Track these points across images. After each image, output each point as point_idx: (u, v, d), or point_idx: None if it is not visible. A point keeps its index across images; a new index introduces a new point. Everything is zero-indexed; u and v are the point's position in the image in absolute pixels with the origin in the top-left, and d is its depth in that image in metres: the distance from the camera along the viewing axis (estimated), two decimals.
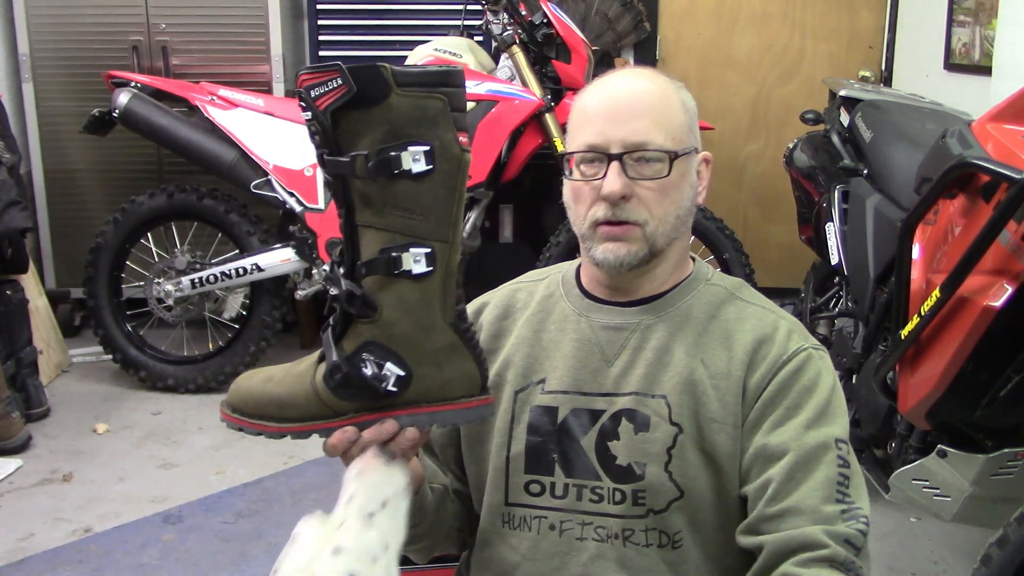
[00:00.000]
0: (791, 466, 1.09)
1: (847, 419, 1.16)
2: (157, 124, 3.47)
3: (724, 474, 1.14)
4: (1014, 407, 1.83)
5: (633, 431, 1.16)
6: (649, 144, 1.15)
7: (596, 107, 1.19)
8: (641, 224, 1.16)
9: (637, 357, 1.19)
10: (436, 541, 1.26)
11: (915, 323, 1.95)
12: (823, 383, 1.15)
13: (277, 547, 2.73)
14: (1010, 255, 1.74)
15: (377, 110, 0.92)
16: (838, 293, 2.86)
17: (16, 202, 3.24)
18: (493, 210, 4.10)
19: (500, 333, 1.28)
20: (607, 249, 1.17)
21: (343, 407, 0.98)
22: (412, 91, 0.93)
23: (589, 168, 1.18)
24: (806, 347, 1.17)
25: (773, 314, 1.21)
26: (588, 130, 1.18)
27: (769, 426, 1.13)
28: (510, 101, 3.38)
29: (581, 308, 1.25)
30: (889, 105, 2.84)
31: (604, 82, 1.22)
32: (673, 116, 1.18)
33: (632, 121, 1.16)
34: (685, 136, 1.19)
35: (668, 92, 1.20)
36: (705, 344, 1.18)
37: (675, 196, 1.18)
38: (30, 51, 3.92)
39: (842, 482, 1.09)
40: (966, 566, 2.45)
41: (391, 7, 4.19)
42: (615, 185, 1.15)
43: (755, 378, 1.15)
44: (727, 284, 1.26)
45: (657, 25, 4.49)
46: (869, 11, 4.49)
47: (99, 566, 2.50)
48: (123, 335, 3.62)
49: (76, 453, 3.13)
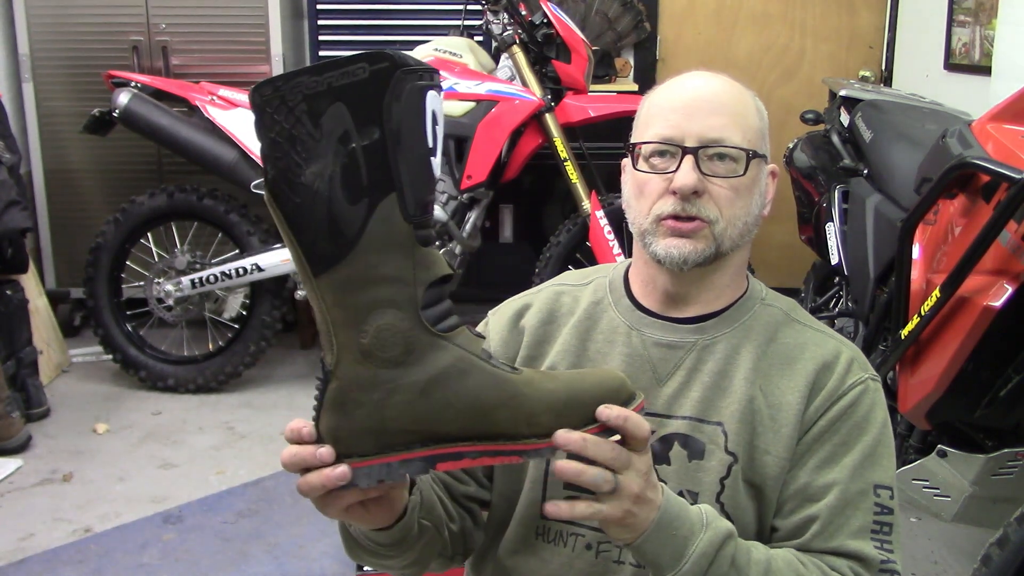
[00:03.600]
0: (831, 509, 1.08)
1: (894, 459, 1.14)
2: (157, 124, 3.47)
3: (767, 503, 1.12)
4: (1014, 407, 1.83)
5: (687, 458, 1.12)
6: (726, 140, 1.11)
7: (672, 101, 1.15)
8: (710, 222, 1.12)
9: (693, 379, 1.15)
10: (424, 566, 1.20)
11: (915, 323, 1.95)
12: (875, 419, 1.13)
13: (277, 547, 2.75)
14: (1010, 255, 1.74)
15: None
16: (838, 293, 2.86)
17: (16, 202, 3.24)
18: (493, 210, 4.10)
19: (544, 339, 1.23)
20: (670, 244, 1.12)
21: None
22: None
23: (660, 161, 1.14)
24: (864, 379, 1.14)
25: (834, 340, 1.18)
26: (661, 122, 1.14)
27: (816, 463, 1.11)
28: (510, 101, 3.38)
29: (632, 321, 1.20)
30: (889, 105, 2.84)
31: (679, 80, 1.18)
32: (750, 118, 1.15)
33: (711, 117, 1.12)
34: (759, 140, 1.15)
35: (745, 95, 1.17)
36: (765, 370, 1.15)
37: (747, 199, 1.14)
38: (30, 51, 3.92)
39: (879, 530, 1.08)
40: (966, 566, 2.45)
41: (391, 7, 4.19)
42: (689, 179, 1.10)
43: (811, 409, 1.12)
44: (782, 305, 1.22)
45: (657, 25, 4.49)
46: (869, 11, 4.49)
47: (99, 566, 2.50)
48: (123, 335, 3.62)
49: (76, 453, 3.13)
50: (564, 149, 3.40)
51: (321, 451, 0.90)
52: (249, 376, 3.69)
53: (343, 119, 0.86)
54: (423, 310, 0.90)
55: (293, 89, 0.86)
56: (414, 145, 0.88)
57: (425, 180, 0.89)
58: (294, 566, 2.50)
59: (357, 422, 0.90)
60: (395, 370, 0.90)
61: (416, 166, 0.88)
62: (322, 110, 0.86)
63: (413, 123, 0.87)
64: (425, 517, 1.11)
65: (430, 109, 0.88)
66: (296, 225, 0.89)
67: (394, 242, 0.88)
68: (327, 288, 0.89)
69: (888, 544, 1.09)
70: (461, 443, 0.91)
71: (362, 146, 0.87)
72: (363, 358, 0.89)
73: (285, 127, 0.87)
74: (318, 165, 0.87)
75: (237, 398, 3.59)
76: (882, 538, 1.09)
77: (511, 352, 1.23)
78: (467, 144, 3.36)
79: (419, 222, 0.89)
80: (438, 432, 0.90)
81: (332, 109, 0.86)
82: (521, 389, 0.91)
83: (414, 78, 0.87)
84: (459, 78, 3.40)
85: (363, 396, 0.90)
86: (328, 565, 2.50)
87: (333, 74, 0.86)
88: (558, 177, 3.52)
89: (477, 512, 1.26)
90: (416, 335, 0.90)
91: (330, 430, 0.91)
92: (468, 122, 3.36)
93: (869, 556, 1.08)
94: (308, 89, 0.86)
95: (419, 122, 0.88)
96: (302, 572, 2.48)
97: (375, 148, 0.87)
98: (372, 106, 0.86)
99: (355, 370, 0.90)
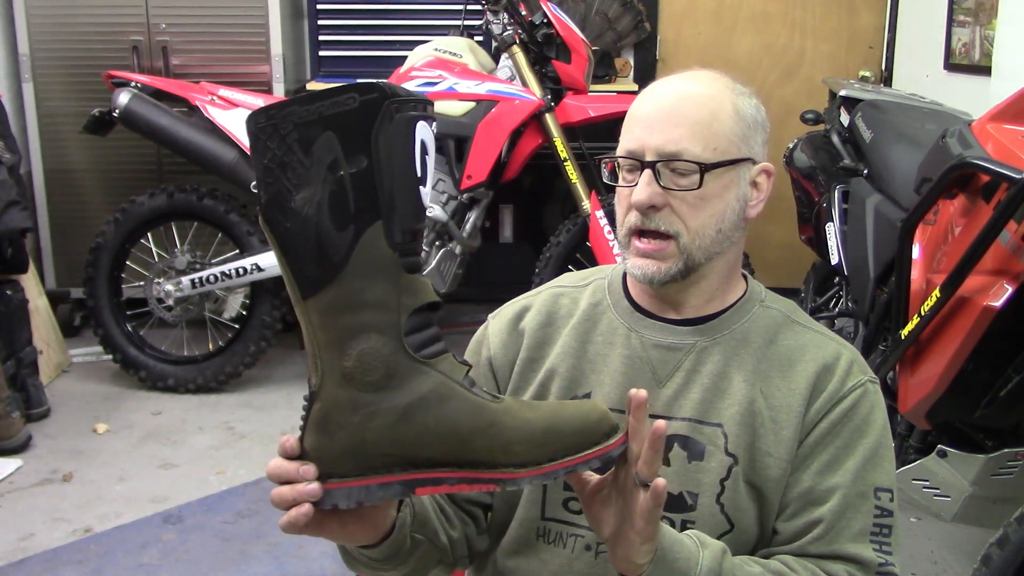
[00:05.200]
0: (834, 513, 1.09)
1: (894, 461, 1.15)
2: (157, 124, 3.47)
3: (768, 505, 1.12)
4: (1014, 407, 1.83)
5: (686, 459, 1.13)
6: (682, 154, 1.10)
7: (640, 112, 1.15)
8: (674, 236, 1.12)
9: (692, 381, 1.15)
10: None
11: (915, 323, 1.95)
12: (875, 422, 1.13)
13: (277, 547, 2.74)
14: (1010, 255, 1.75)
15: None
16: (838, 293, 2.86)
17: (16, 202, 3.24)
18: (493, 210, 4.10)
19: (544, 341, 1.23)
20: (638, 264, 1.14)
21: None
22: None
23: (629, 174, 1.15)
24: (863, 381, 1.15)
25: (833, 342, 1.18)
26: (628, 135, 1.15)
27: (819, 466, 1.11)
28: (510, 101, 3.38)
29: (631, 322, 1.20)
30: (889, 105, 2.84)
31: (657, 85, 1.17)
32: (719, 125, 1.12)
33: (669, 129, 1.11)
34: (732, 146, 1.13)
35: (720, 98, 1.13)
36: (765, 372, 1.15)
37: (714, 208, 1.13)
38: (30, 51, 3.92)
39: (878, 532, 1.09)
40: (966, 566, 2.45)
41: (391, 7, 4.19)
42: (642, 194, 1.11)
43: (811, 411, 1.13)
44: (782, 307, 1.22)
45: (657, 25, 4.49)
46: (869, 11, 4.49)
47: (99, 566, 2.50)
48: (123, 335, 3.62)
49: (76, 453, 3.13)
50: (564, 149, 3.40)
51: (303, 468, 0.92)
52: (249, 376, 3.69)
53: (332, 147, 0.88)
54: (407, 336, 0.91)
55: (286, 118, 0.89)
56: (402, 174, 0.89)
57: (412, 209, 0.91)
58: (294, 566, 2.51)
59: (338, 443, 0.92)
60: (376, 394, 0.91)
61: (403, 195, 0.90)
62: (313, 138, 0.88)
63: (401, 153, 0.89)
64: (418, 531, 1.11)
65: (419, 139, 0.90)
66: (286, 248, 0.91)
67: (379, 268, 0.90)
68: (314, 310, 0.91)
69: (887, 546, 1.10)
70: (440, 468, 0.92)
71: (350, 174, 0.88)
72: (345, 381, 0.91)
73: (277, 154, 0.89)
74: (308, 191, 0.89)
75: (237, 398, 3.59)
76: (881, 540, 1.09)
77: (511, 355, 1.23)
78: (467, 144, 3.36)
79: (405, 249, 0.91)
80: (417, 457, 0.91)
81: (322, 138, 0.88)
82: (499, 418, 0.91)
83: (404, 108, 0.89)
84: (459, 78, 3.40)
85: (344, 418, 0.91)
86: (328, 565, 2.50)
87: (324, 103, 0.88)
88: (558, 177, 3.52)
89: (480, 516, 1.26)
90: (398, 360, 0.91)
91: (313, 449, 0.93)
92: (468, 122, 3.36)
93: (867, 559, 1.08)
94: (299, 118, 0.88)
95: (407, 152, 0.89)
96: (302, 572, 2.48)
97: (363, 176, 0.89)
98: (360, 135, 0.88)
99: (338, 392, 0.91)
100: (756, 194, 1.18)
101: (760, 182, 1.18)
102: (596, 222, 3.37)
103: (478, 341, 1.28)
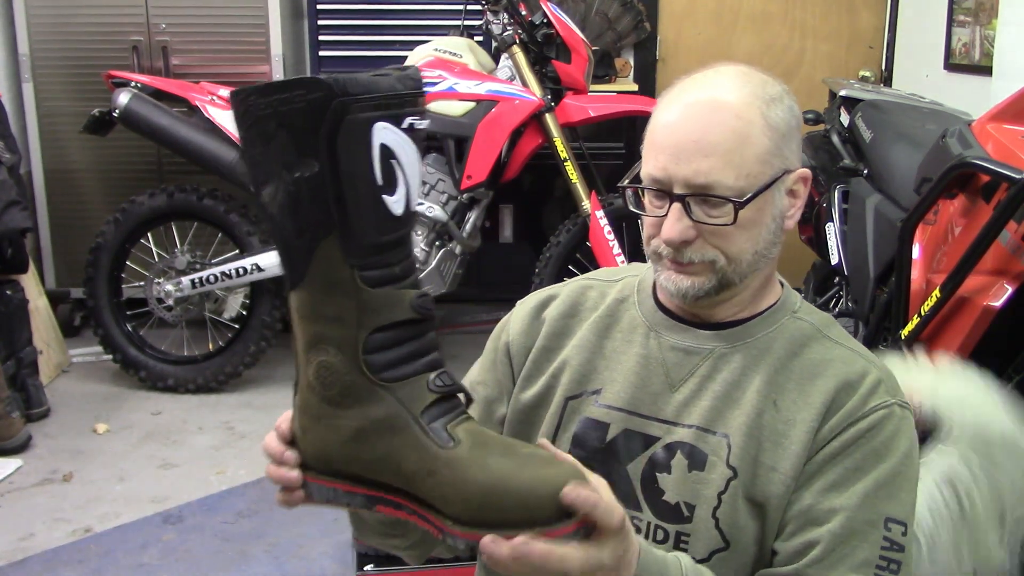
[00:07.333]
0: (834, 536, 1.01)
1: (915, 494, 1.07)
2: (157, 124, 3.46)
3: (770, 523, 1.06)
4: None
5: (687, 468, 1.07)
6: (714, 188, 1.03)
7: (665, 129, 1.07)
8: (709, 262, 1.07)
9: (704, 387, 1.10)
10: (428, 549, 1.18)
11: (915, 323, 1.95)
12: (896, 447, 1.05)
13: (277, 547, 2.74)
14: (1010, 255, 1.75)
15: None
16: (838, 293, 2.86)
17: (16, 202, 3.24)
18: (493, 210, 4.10)
19: (563, 332, 1.19)
20: (670, 277, 1.09)
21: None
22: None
23: (657, 199, 1.08)
24: (890, 403, 1.06)
25: (863, 359, 1.10)
26: (653, 160, 1.07)
27: (824, 485, 1.04)
28: (510, 101, 3.38)
29: (652, 322, 1.16)
30: (889, 105, 2.84)
31: (683, 91, 1.09)
32: (750, 148, 1.04)
33: (698, 159, 1.03)
34: (765, 166, 1.06)
35: (749, 115, 1.06)
36: (781, 384, 1.08)
37: (752, 233, 1.07)
38: (30, 51, 3.92)
39: (885, 567, 1.01)
40: None
41: (391, 7, 4.19)
42: (673, 232, 1.05)
43: (825, 428, 1.05)
44: (815, 320, 1.14)
45: (657, 25, 4.49)
46: (869, 11, 4.49)
47: (99, 566, 2.50)
48: (123, 335, 3.62)
49: (76, 453, 3.13)
50: (564, 149, 3.40)
51: (287, 454, 0.92)
52: (249, 376, 3.69)
53: (287, 147, 0.79)
54: (369, 354, 0.84)
55: (248, 109, 0.80)
56: (356, 184, 0.80)
57: (373, 222, 0.81)
58: (294, 566, 2.51)
59: (310, 443, 0.90)
60: (335, 409, 0.87)
61: (360, 206, 0.80)
62: (270, 134, 0.80)
63: (355, 159, 0.79)
64: None
65: (378, 143, 0.79)
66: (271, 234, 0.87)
67: (334, 284, 0.83)
68: (293, 305, 0.87)
69: None
70: (397, 494, 0.87)
71: (304, 178, 0.79)
72: (309, 388, 0.88)
73: (245, 143, 0.82)
74: (271, 188, 0.82)
75: (237, 398, 3.59)
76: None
77: (529, 342, 1.21)
78: (467, 144, 3.36)
79: (367, 264, 0.83)
80: (372, 479, 0.87)
81: (278, 135, 0.80)
82: (439, 468, 0.83)
83: (358, 109, 0.78)
84: (459, 78, 3.40)
85: (311, 423, 0.89)
86: (328, 565, 2.50)
87: (279, 97, 0.79)
88: (558, 177, 3.52)
89: None
90: (353, 379, 0.85)
91: (297, 439, 0.92)
92: (468, 122, 3.36)
93: None
94: (258, 110, 0.80)
95: (362, 158, 0.79)
96: (302, 572, 2.48)
97: (315, 182, 0.79)
98: (310, 137, 0.78)
99: (305, 396, 0.89)
100: (793, 202, 1.11)
101: (797, 189, 1.11)
102: (596, 222, 3.37)
103: (502, 324, 1.26)
